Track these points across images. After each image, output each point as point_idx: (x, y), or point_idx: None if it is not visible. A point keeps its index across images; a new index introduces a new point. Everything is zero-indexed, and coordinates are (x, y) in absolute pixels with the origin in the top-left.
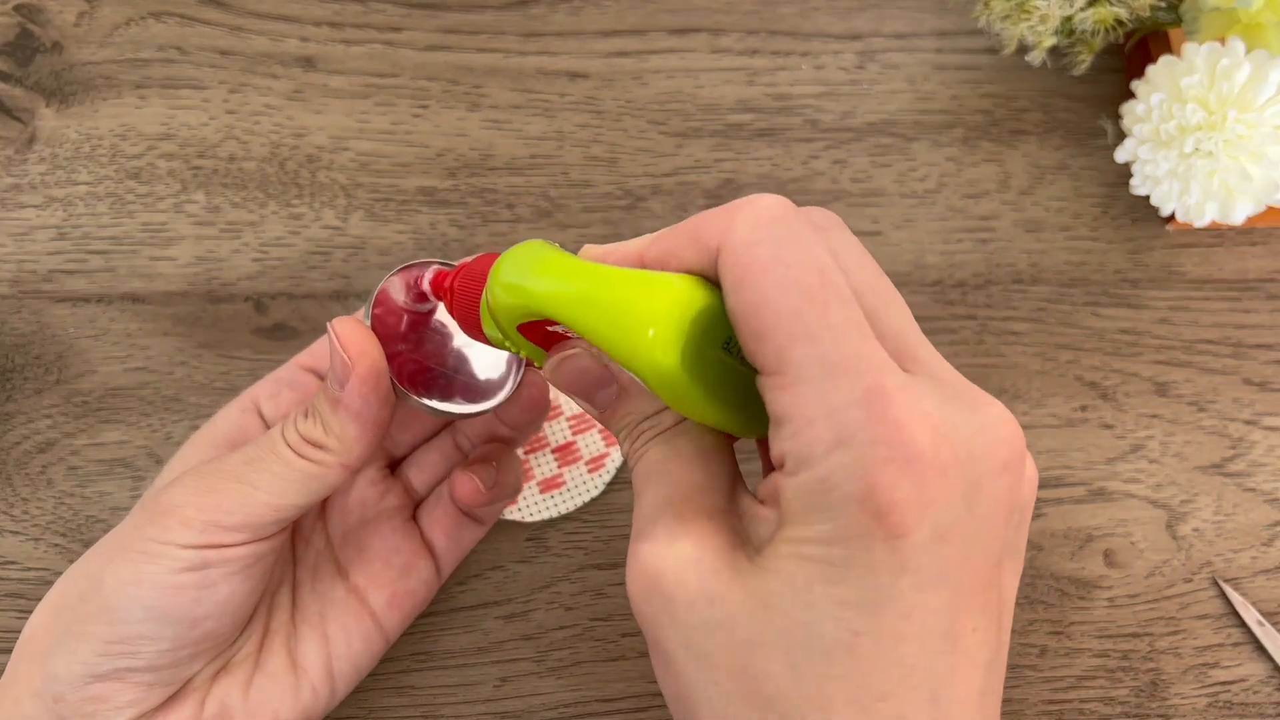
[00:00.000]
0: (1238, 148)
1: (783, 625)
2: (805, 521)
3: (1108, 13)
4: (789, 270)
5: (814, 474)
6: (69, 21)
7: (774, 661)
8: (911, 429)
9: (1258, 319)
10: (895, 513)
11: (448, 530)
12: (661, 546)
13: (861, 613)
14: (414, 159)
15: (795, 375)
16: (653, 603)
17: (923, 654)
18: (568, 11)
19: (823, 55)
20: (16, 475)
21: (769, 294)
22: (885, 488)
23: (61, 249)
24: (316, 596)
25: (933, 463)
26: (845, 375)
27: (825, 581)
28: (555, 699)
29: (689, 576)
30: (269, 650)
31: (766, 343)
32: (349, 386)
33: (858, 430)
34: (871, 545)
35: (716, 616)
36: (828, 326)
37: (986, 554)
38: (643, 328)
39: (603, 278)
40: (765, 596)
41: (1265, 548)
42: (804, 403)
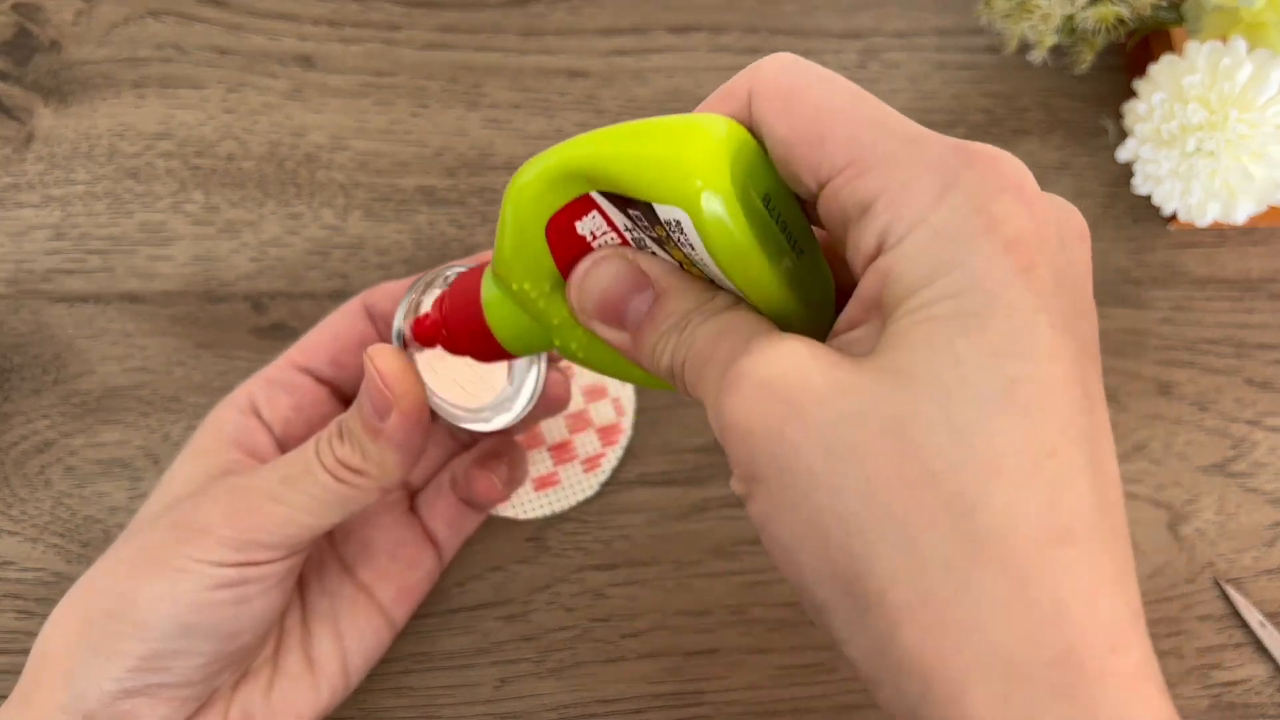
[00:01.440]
0: (1239, 147)
1: (934, 391)
2: (927, 283)
3: (1109, 11)
4: (831, 82)
5: (928, 227)
6: (67, 20)
7: (933, 431)
8: (1014, 163)
9: (1260, 319)
10: (1023, 243)
11: (449, 520)
12: (767, 358)
13: (1014, 358)
14: (413, 158)
15: (875, 154)
16: (772, 417)
17: (1073, 406)
18: (567, 10)
19: (824, 53)
20: (14, 476)
21: (819, 99)
22: (1009, 217)
23: (59, 248)
24: (325, 595)
25: (1038, 199)
26: (928, 139)
27: (967, 333)
28: (555, 700)
29: (812, 373)
30: (285, 652)
31: (831, 141)
32: (391, 421)
33: (963, 171)
34: (1007, 282)
35: (856, 406)
36: (888, 113)
37: (1090, 315)
38: (688, 161)
39: (640, 124)
40: (906, 368)
41: (1267, 548)
42: (896, 170)
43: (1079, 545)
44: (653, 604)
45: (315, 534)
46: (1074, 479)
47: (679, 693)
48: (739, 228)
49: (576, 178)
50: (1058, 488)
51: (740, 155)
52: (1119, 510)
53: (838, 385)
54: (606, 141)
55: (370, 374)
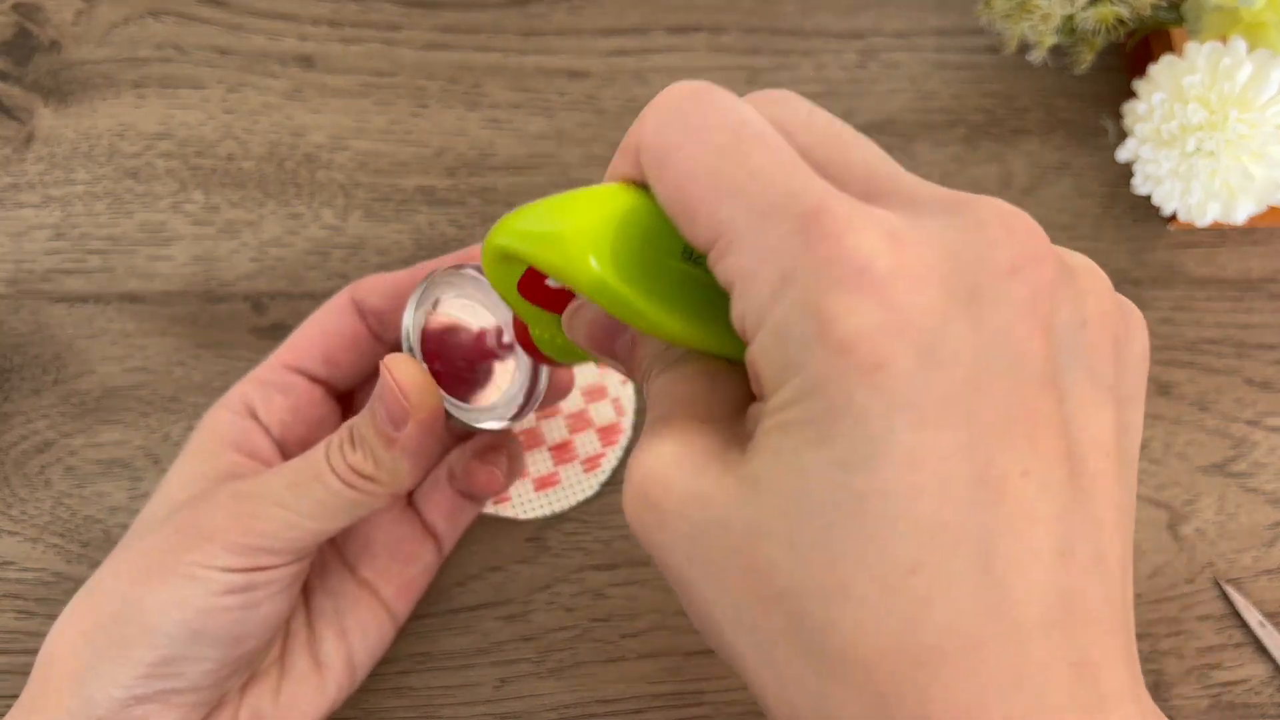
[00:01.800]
0: (1239, 147)
1: (777, 506)
2: (778, 385)
3: (1109, 11)
4: (699, 135)
5: (768, 326)
6: (67, 20)
7: (777, 550)
8: (860, 238)
9: (1260, 319)
10: (863, 340)
11: (448, 513)
12: (644, 455)
13: (860, 470)
14: (413, 158)
15: (729, 235)
16: (645, 519)
17: (950, 508)
18: (568, 10)
19: (824, 54)
20: (14, 476)
21: (684, 166)
22: (843, 314)
23: (59, 248)
24: (328, 594)
25: (896, 273)
26: (778, 211)
27: (812, 444)
28: (555, 700)
29: (674, 479)
30: (291, 653)
31: (697, 217)
32: (407, 431)
33: (798, 260)
34: (848, 387)
35: (710, 517)
36: (749, 174)
37: (1016, 375)
38: (578, 245)
39: (545, 205)
40: (754, 480)
41: (1267, 548)
42: (742, 256)
43: (952, 662)
44: (653, 604)
45: (322, 539)
46: (945, 591)
47: (679, 693)
48: (637, 301)
49: (511, 258)
50: (921, 605)
51: (637, 223)
52: (1050, 597)
53: (695, 495)
54: (519, 221)
55: (388, 384)
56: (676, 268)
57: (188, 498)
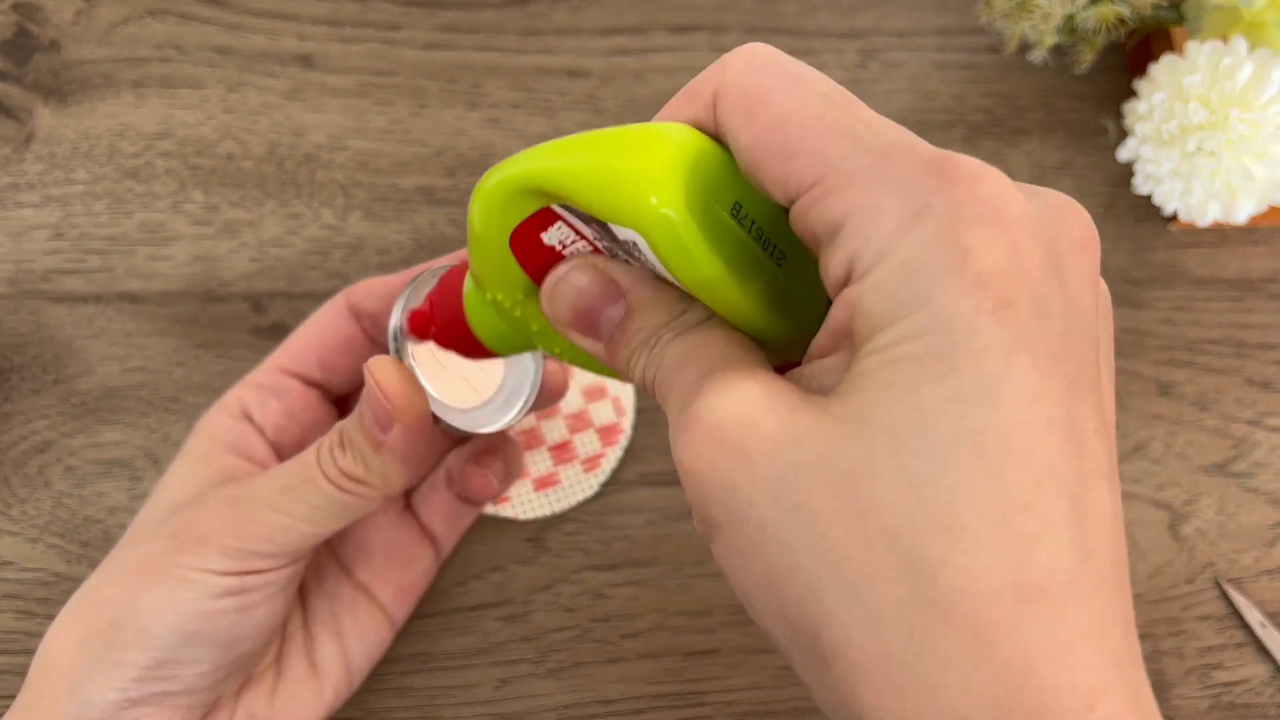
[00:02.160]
0: (1240, 147)
1: (891, 442)
2: (892, 321)
3: (1109, 11)
4: (800, 84)
5: (895, 258)
6: (66, 20)
7: (889, 486)
8: (995, 182)
9: (1261, 319)
10: (998, 277)
11: (445, 516)
12: (718, 399)
13: (981, 404)
14: (412, 158)
15: (843, 171)
16: (722, 465)
17: (1055, 453)
18: (567, 9)
19: (824, 53)
20: (14, 476)
21: (786, 107)
22: (982, 249)
23: (59, 248)
24: (325, 597)
25: (1021, 223)
26: (901, 154)
27: (932, 378)
28: (555, 700)
29: (763, 419)
30: (288, 656)
31: (798, 156)
32: (394, 435)
33: (935, 195)
34: (978, 321)
35: (808, 456)
36: (860, 120)
37: (1086, 339)
38: (648, 181)
39: (594, 136)
40: (863, 415)
41: (1268, 548)
42: (863, 192)
43: (1051, 602)
44: (653, 604)
45: (316, 541)
46: (1049, 532)
47: (679, 693)
48: (697, 249)
49: (534, 192)
50: (1028, 544)
51: (699, 167)
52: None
53: (790, 434)
54: (560, 154)
55: (371, 388)
56: (728, 223)
57: (185, 500)
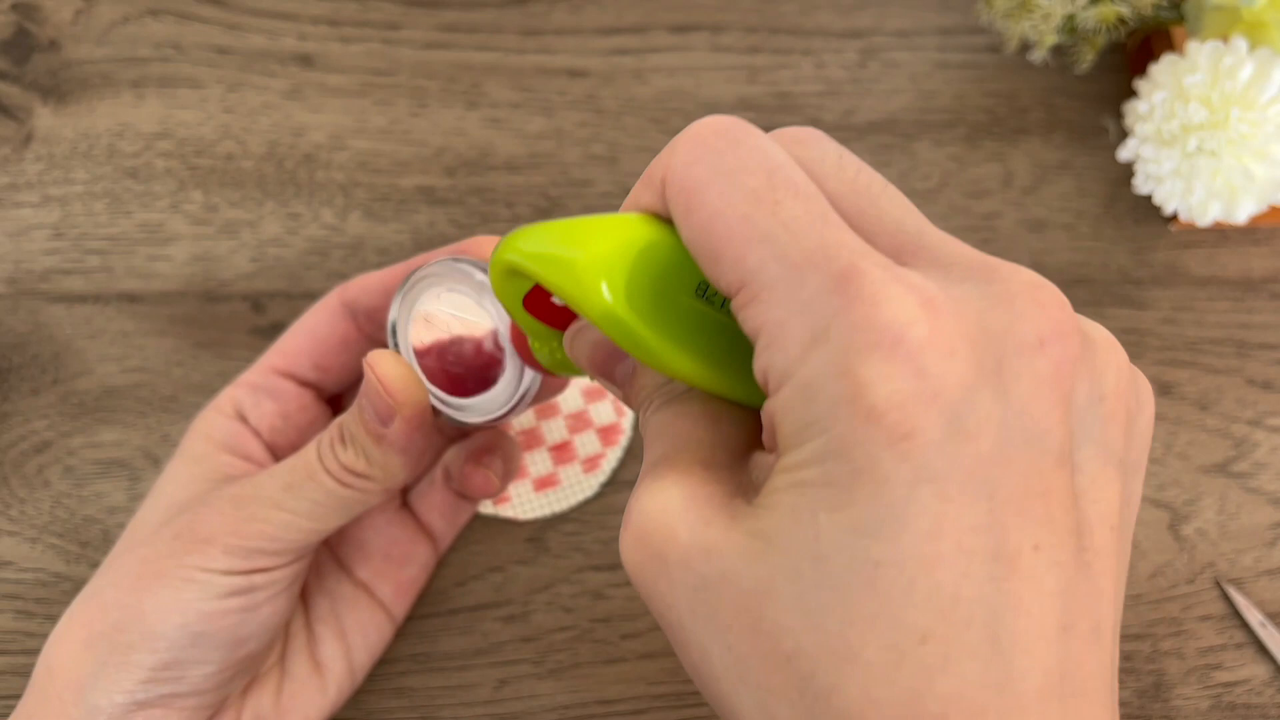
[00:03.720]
0: (1241, 146)
1: (789, 567)
2: (798, 443)
3: (1110, 11)
4: (731, 178)
5: (795, 382)
6: (65, 20)
7: (786, 611)
8: (897, 306)
9: (1261, 319)
10: (895, 409)
11: (443, 512)
12: (647, 501)
13: (880, 538)
14: (412, 158)
15: (757, 283)
16: (646, 566)
17: (966, 581)
18: (568, 9)
19: (824, 53)
20: (13, 476)
21: (715, 206)
22: (876, 380)
23: (58, 248)
24: (325, 595)
25: (931, 342)
26: (812, 266)
27: (830, 507)
28: (554, 701)
29: (679, 528)
30: (291, 655)
31: (724, 259)
32: (395, 427)
33: (833, 319)
34: (874, 453)
35: (716, 570)
36: (782, 224)
37: (1036, 450)
38: (591, 272)
39: (559, 226)
40: (766, 536)
41: (1268, 549)
42: (774, 307)
43: None
44: None
45: (319, 538)
46: (953, 663)
47: (679, 693)
48: (646, 337)
49: (520, 274)
50: (928, 675)
51: (649, 256)
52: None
53: (702, 547)
54: (530, 240)
55: (371, 381)
56: (689, 305)
57: (183, 500)
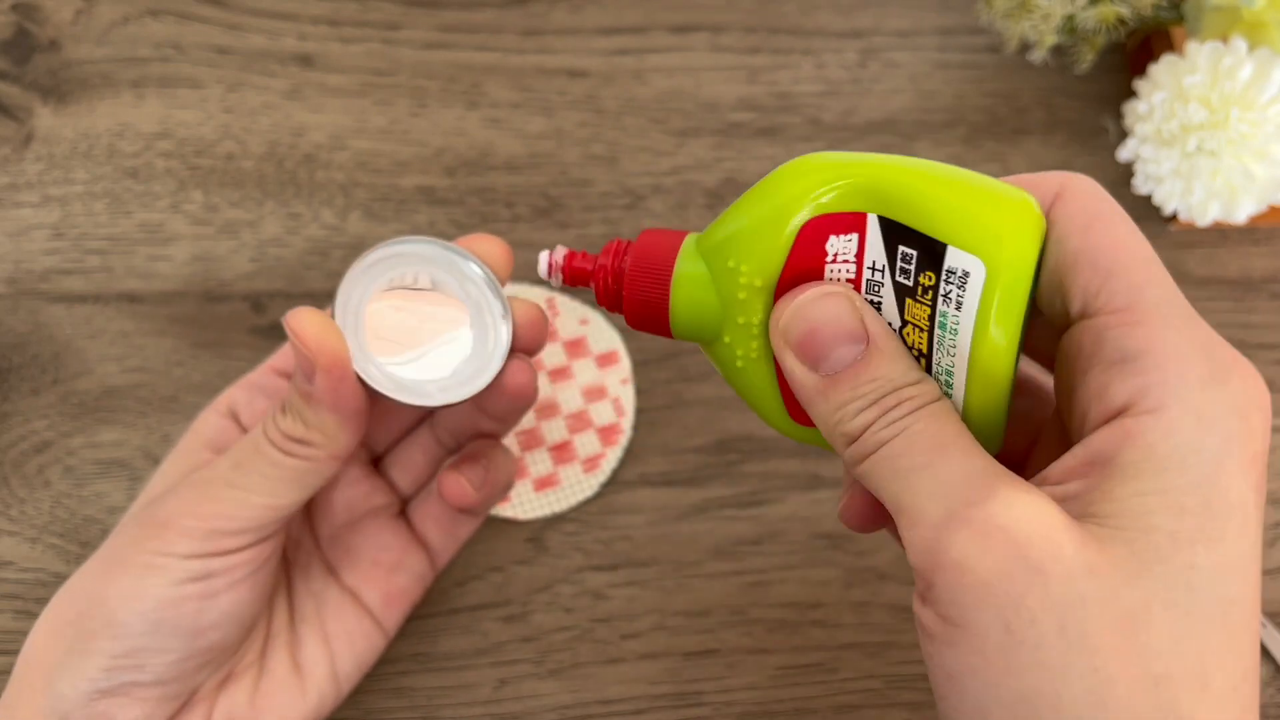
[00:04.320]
0: (1241, 146)
1: (1166, 594)
2: (1180, 466)
3: (1110, 11)
4: (1134, 228)
5: (1193, 409)
6: (66, 20)
7: (1160, 637)
8: (1262, 384)
9: (1261, 319)
10: (1260, 461)
11: (442, 525)
12: (1022, 510)
13: (1237, 579)
14: (412, 158)
15: (1156, 313)
16: (1015, 579)
17: (1252, 620)
18: (568, 9)
19: (824, 53)
20: (13, 476)
21: (1124, 238)
22: (1259, 432)
23: (58, 248)
24: (311, 598)
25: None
26: (1199, 323)
27: (1207, 539)
28: (554, 701)
29: (1065, 545)
30: (271, 655)
31: (1119, 279)
32: (317, 381)
33: (1233, 370)
34: (1246, 499)
35: (1097, 590)
36: (1169, 280)
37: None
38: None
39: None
40: (1146, 562)
41: (1268, 548)
42: (1172, 338)
43: None
44: (653, 604)
45: (276, 516)
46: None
47: (679, 693)
48: (1019, 302)
49: (874, 196)
50: (1247, 709)
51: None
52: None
53: (1085, 564)
54: (927, 175)
55: (290, 335)
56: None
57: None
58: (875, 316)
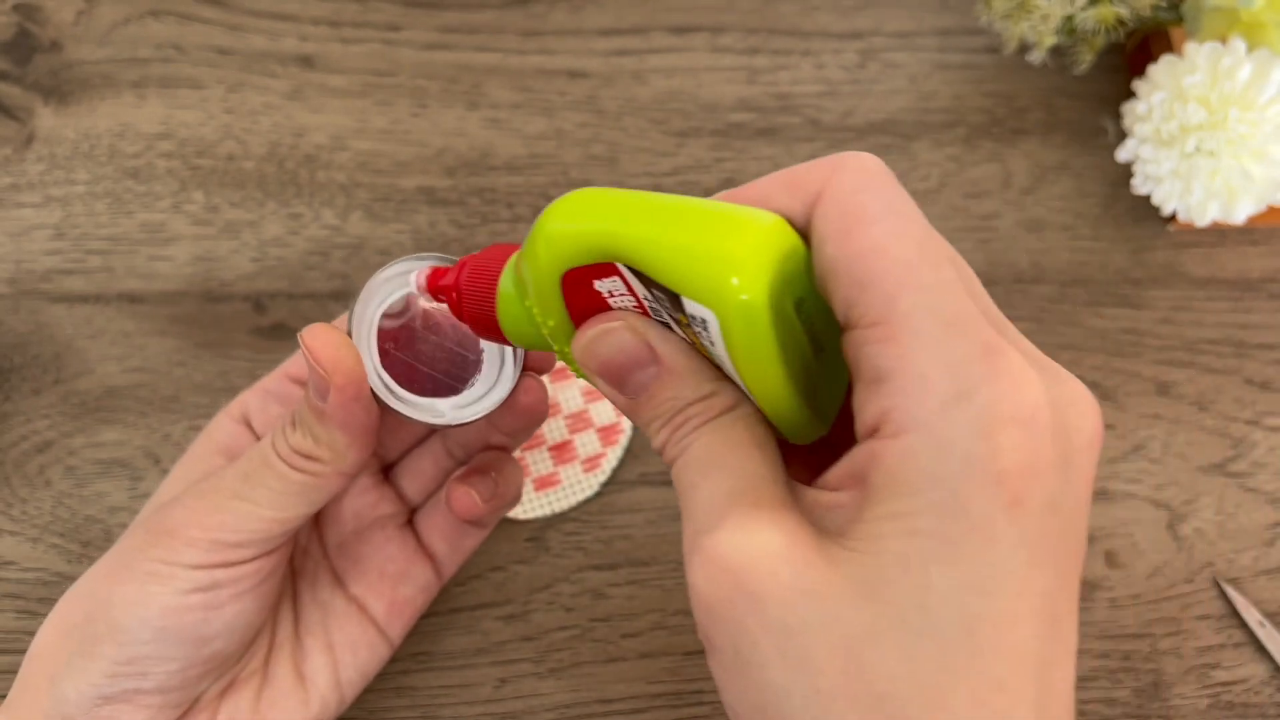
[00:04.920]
0: (1239, 147)
1: (896, 615)
2: (913, 491)
3: (1109, 11)
4: (901, 221)
5: (930, 433)
6: (67, 20)
7: (887, 656)
8: (1029, 389)
9: (1259, 319)
10: (1016, 477)
11: (448, 537)
12: (743, 538)
13: (981, 594)
14: (413, 158)
15: (906, 327)
16: (734, 605)
17: (1033, 640)
18: (568, 10)
19: (824, 54)
20: (15, 475)
21: (880, 241)
22: (1009, 448)
23: (59, 248)
24: (318, 607)
25: (1045, 427)
26: (962, 330)
27: (942, 561)
28: (554, 700)
29: (781, 570)
30: (275, 664)
31: (873, 291)
32: (330, 399)
33: (981, 384)
34: (992, 516)
35: (818, 614)
36: (940, 281)
37: (1080, 533)
38: (728, 263)
39: (683, 207)
40: (872, 584)
41: (1266, 548)
42: (917, 355)
43: None
44: (653, 604)
45: (283, 529)
46: (1018, 708)
47: (679, 693)
48: (765, 340)
49: (614, 251)
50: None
51: (784, 261)
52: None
53: (803, 588)
54: (642, 221)
55: (304, 353)
56: (790, 317)
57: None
58: (664, 336)
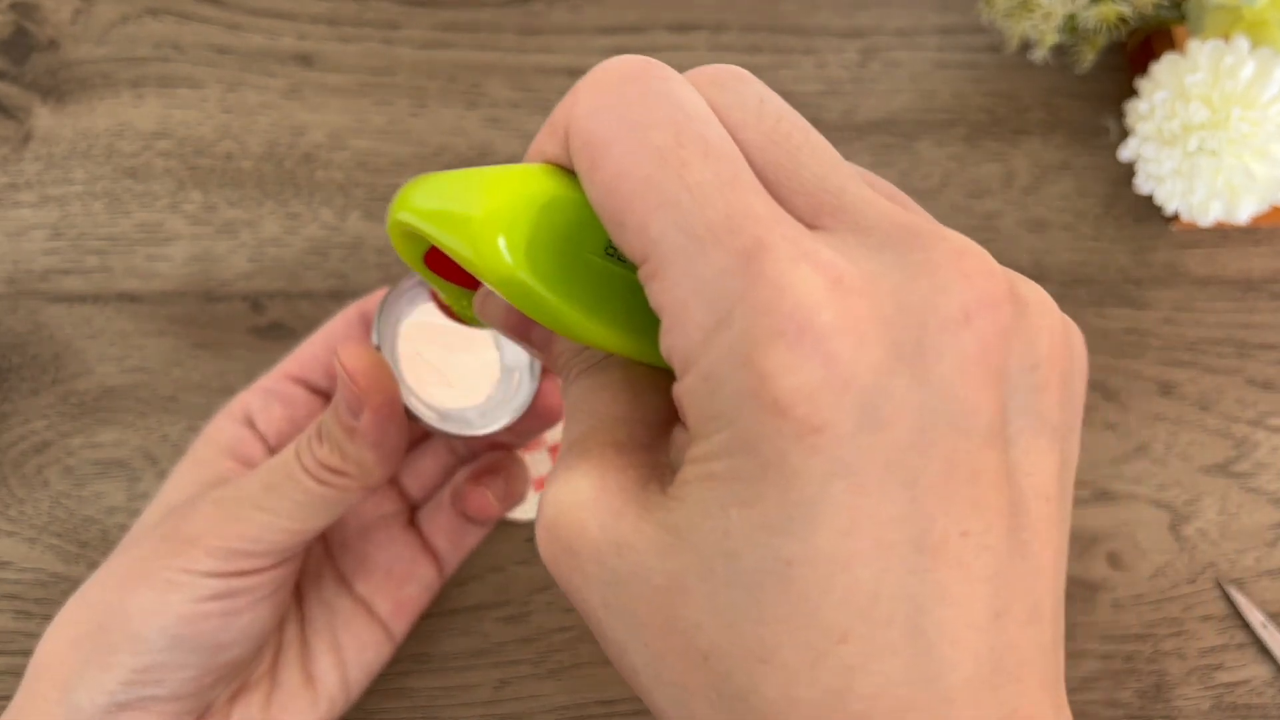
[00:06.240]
0: (1242, 146)
1: (700, 564)
2: (705, 433)
3: (1111, 10)
4: (637, 132)
5: (698, 371)
6: (65, 19)
7: (699, 610)
8: (803, 288)
9: (1262, 319)
10: (803, 401)
11: (450, 535)
12: (556, 490)
13: (790, 535)
14: (412, 157)
15: (659, 256)
16: (560, 560)
17: (887, 576)
18: (567, 8)
19: (825, 52)
20: (12, 476)
21: (618, 166)
22: (781, 370)
23: (57, 248)
24: (323, 608)
25: (840, 327)
26: (715, 240)
27: (740, 503)
28: (554, 701)
29: (589, 523)
30: (283, 666)
31: (626, 228)
32: (364, 419)
33: (735, 303)
34: (783, 447)
35: (627, 566)
36: (687, 188)
37: (962, 432)
38: (489, 230)
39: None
40: (677, 531)
41: (1269, 549)
42: (673, 284)
43: None
44: None
45: (302, 540)
46: (875, 661)
47: None
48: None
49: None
50: (847, 675)
51: (552, 213)
52: (979, 664)
53: (613, 541)
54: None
55: (339, 372)
56: (600, 265)
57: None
58: None
